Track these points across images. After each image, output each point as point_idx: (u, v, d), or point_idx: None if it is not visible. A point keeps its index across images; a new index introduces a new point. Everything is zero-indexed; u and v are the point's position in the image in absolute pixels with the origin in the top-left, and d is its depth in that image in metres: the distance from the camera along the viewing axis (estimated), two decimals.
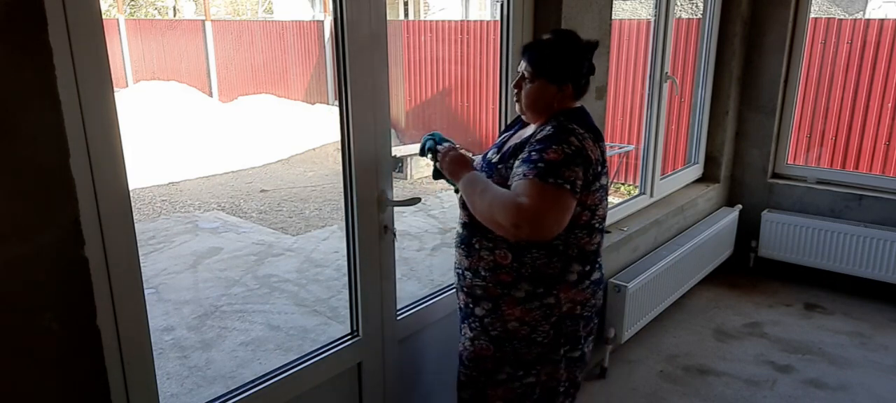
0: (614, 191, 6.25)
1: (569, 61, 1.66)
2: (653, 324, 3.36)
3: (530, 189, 1.46)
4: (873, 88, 4.66)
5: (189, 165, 7.76)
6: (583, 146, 1.52)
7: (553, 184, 1.46)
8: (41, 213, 1.16)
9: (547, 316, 1.65)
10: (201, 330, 3.69)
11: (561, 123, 1.57)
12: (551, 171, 1.46)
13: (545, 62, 1.66)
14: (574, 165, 1.49)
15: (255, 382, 1.73)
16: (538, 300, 1.64)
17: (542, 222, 1.46)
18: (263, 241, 5.28)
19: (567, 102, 1.66)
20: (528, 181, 1.47)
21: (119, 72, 12.29)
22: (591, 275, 1.70)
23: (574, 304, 1.68)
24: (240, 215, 6.14)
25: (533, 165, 1.48)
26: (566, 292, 1.65)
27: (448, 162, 1.73)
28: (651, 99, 3.40)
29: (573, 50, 1.66)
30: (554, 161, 1.48)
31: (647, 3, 10.01)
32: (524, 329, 1.66)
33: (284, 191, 7.03)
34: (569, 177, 1.48)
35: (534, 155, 1.50)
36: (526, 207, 1.44)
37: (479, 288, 1.70)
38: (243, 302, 4.07)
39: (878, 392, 2.89)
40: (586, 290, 1.69)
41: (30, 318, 1.18)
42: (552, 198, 1.46)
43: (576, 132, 1.54)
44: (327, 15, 11.99)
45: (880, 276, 3.69)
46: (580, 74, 1.67)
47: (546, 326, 1.66)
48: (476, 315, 1.72)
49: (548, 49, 1.68)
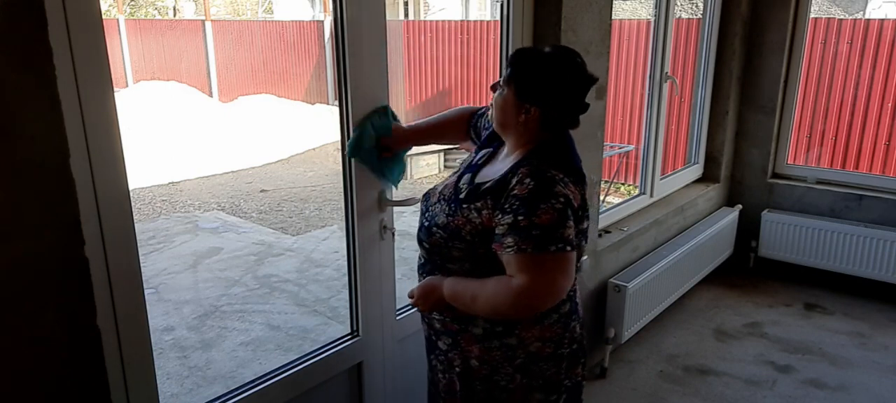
0: (614, 191, 6.25)
1: (545, 79, 1.42)
2: (653, 324, 3.36)
3: (530, 264, 1.31)
4: (873, 88, 4.66)
5: (189, 165, 7.76)
6: (569, 194, 1.35)
7: (554, 251, 1.31)
8: (41, 213, 1.16)
9: (509, 357, 1.47)
10: (201, 330, 3.69)
11: (541, 171, 1.36)
12: (548, 238, 1.30)
13: (519, 70, 1.44)
14: (567, 220, 1.33)
15: (255, 382, 1.73)
16: (498, 339, 1.46)
17: (553, 293, 1.34)
18: (263, 241, 5.28)
19: (535, 131, 1.44)
20: (525, 256, 1.31)
21: (119, 72, 12.29)
22: (559, 309, 1.48)
23: (544, 343, 1.47)
24: (240, 215, 6.14)
25: (526, 234, 1.30)
26: (528, 331, 1.46)
27: (422, 300, 1.51)
28: (651, 99, 3.40)
29: (557, 69, 1.42)
30: (547, 224, 1.30)
31: (647, 3, 10.01)
32: (485, 368, 1.49)
33: (284, 191, 7.03)
34: (567, 236, 1.32)
35: (522, 220, 1.31)
36: (534, 286, 1.31)
37: (438, 322, 1.55)
38: (243, 302, 4.07)
39: (877, 392, 2.89)
40: (555, 325, 1.48)
41: (30, 318, 1.18)
42: (557, 266, 1.32)
43: (557, 180, 1.35)
44: (327, 15, 11.98)
45: (880, 276, 3.69)
46: (557, 102, 1.42)
47: (509, 369, 1.48)
48: (439, 348, 1.58)
49: (530, 57, 1.45)
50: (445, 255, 1.48)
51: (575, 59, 1.43)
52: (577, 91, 1.44)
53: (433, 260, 1.52)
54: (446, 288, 1.45)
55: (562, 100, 1.43)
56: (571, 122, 1.47)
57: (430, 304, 1.50)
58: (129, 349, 1.37)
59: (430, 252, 1.52)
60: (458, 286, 1.44)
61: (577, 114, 1.46)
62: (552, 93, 1.42)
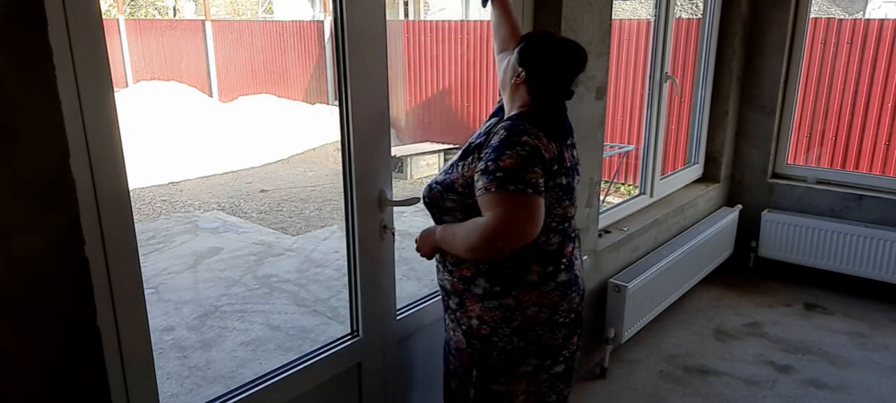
0: (614, 191, 6.25)
1: (539, 51, 1.63)
2: (653, 324, 3.36)
3: (493, 202, 1.45)
4: (873, 88, 4.66)
5: (189, 165, 7.76)
6: (537, 145, 1.49)
7: (514, 190, 1.44)
8: (41, 213, 1.16)
9: (507, 318, 1.61)
10: (201, 330, 3.69)
11: (514, 124, 1.53)
12: (510, 178, 1.44)
13: (526, 41, 1.67)
14: (532, 166, 1.46)
15: (255, 382, 1.73)
16: (496, 299, 1.60)
17: (514, 230, 1.44)
18: (263, 241, 5.28)
19: (525, 96, 1.62)
20: (489, 195, 1.45)
21: (119, 72, 12.29)
22: (555, 277, 1.63)
23: (541, 308, 1.61)
24: (240, 215, 6.14)
25: (491, 176, 1.46)
26: (527, 293, 1.59)
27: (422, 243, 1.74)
28: (651, 99, 3.41)
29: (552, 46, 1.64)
30: (510, 167, 1.45)
31: (647, 3, 10.01)
32: (484, 328, 1.63)
33: (284, 191, 7.03)
34: (530, 179, 1.45)
35: (490, 165, 1.47)
36: (495, 222, 1.43)
37: (448, 282, 1.70)
38: (243, 302, 4.07)
39: (877, 392, 2.89)
40: (552, 292, 1.62)
41: (30, 318, 1.18)
42: (517, 205, 1.44)
43: (528, 131, 1.51)
44: (327, 15, 11.98)
45: (880, 276, 3.69)
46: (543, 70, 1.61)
47: (507, 330, 1.61)
48: (450, 307, 1.73)
49: (539, 36, 1.71)
50: (442, 207, 1.67)
51: (572, 45, 1.65)
52: (563, 67, 1.62)
53: (433, 214, 1.71)
54: (438, 232, 1.66)
55: (547, 70, 1.62)
56: (554, 90, 1.63)
57: (428, 248, 1.71)
58: (129, 349, 1.37)
59: (429, 205, 1.70)
60: (446, 230, 1.63)
61: (560, 86, 1.63)
62: (541, 62, 1.62)
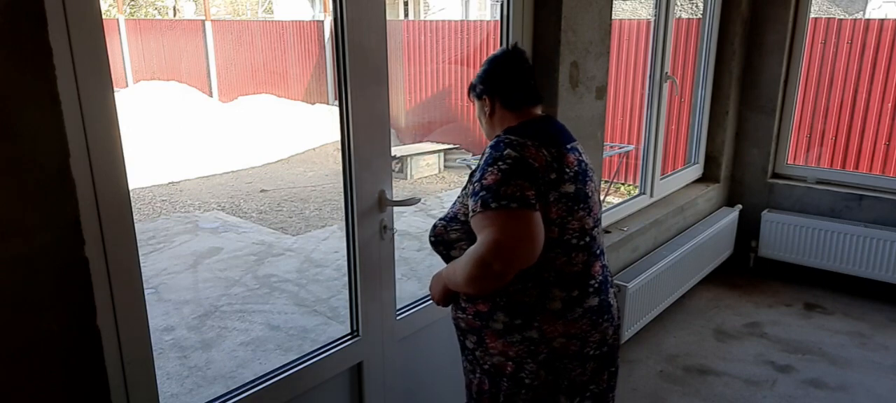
0: (614, 191, 6.25)
1: (484, 72, 1.59)
2: (653, 324, 3.36)
3: (480, 223, 1.35)
4: (873, 88, 4.66)
5: (189, 165, 7.76)
6: (522, 155, 1.39)
7: (497, 207, 1.33)
8: (41, 213, 1.16)
9: (532, 353, 1.46)
10: (201, 330, 3.69)
11: (497, 140, 1.46)
12: (493, 195, 1.34)
13: (472, 84, 1.63)
14: (514, 179, 1.36)
15: (255, 382, 1.73)
16: (518, 333, 1.46)
17: (506, 249, 1.31)
18: (263, 241, 5.28)
19: (505, 116, 1.55)
20: (476, 217, 1.37)
21: (119, 72, 12.28)
22: (583, 302, 1.47)
23: (569, 339, 1.46)
24: (240, 215, 6.14)
25: (476, 197, 1.37)
26: (551, 324, 1.45)
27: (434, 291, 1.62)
28: (651, 99, 3.41)
29: (490, 60, 1.60)
30: (491, 184, 1.36)
31: (647, 3, 10.01)
32: (510, 365, 1.49)
33: (284, 191, 7.03)
34: (512, 193, 1.34)
35: (476, 185, 1.40)
36: (483, 246, 1.32)
37: (462, 320, 1.57)
38: (243, 302, 4.07)
39: (877, 392, 2.89)
40: (581, 321, 1.47)
41: (30, 318, 1.18)
42: (503, 222, 1.32)
43: (512, 143, 1.42)
44: (327, 15, 11.98)
45: (880, 276, 3.70)
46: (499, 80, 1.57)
47: (533, 365, 1.47)
48: (468, 348, 1.60)
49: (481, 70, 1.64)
50: (447, 242, 1.56)
51: (505, 48, 1.61)
52: (509, 66, 1.58)
53: (440, 253, 1.60)
54: (443, 271, 1.55)
55: (501, 79, 1.57)
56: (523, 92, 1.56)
57: (438, 291, 1.59)
58: (129, 349, 1.37)
59: (435, 244, 1.59)
60: (449, 267, 1.52)
61: (521, 84, 1.57)
62: (492, 77, 1.58)
